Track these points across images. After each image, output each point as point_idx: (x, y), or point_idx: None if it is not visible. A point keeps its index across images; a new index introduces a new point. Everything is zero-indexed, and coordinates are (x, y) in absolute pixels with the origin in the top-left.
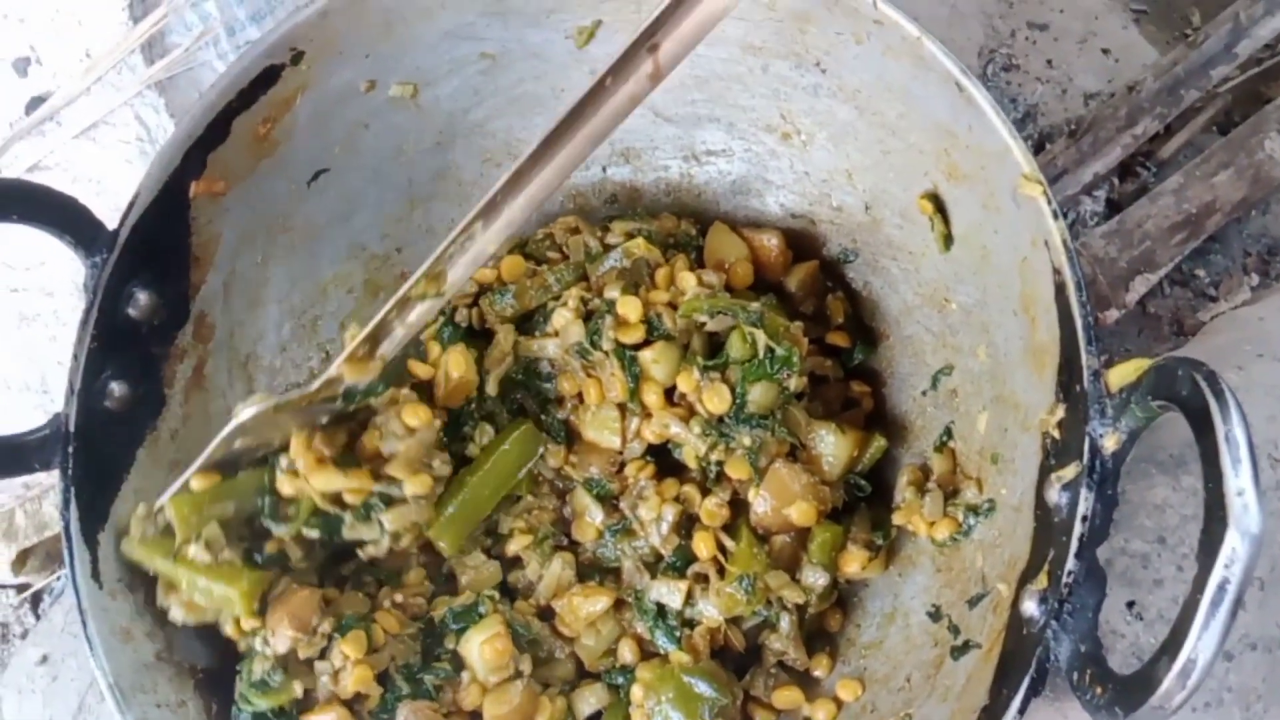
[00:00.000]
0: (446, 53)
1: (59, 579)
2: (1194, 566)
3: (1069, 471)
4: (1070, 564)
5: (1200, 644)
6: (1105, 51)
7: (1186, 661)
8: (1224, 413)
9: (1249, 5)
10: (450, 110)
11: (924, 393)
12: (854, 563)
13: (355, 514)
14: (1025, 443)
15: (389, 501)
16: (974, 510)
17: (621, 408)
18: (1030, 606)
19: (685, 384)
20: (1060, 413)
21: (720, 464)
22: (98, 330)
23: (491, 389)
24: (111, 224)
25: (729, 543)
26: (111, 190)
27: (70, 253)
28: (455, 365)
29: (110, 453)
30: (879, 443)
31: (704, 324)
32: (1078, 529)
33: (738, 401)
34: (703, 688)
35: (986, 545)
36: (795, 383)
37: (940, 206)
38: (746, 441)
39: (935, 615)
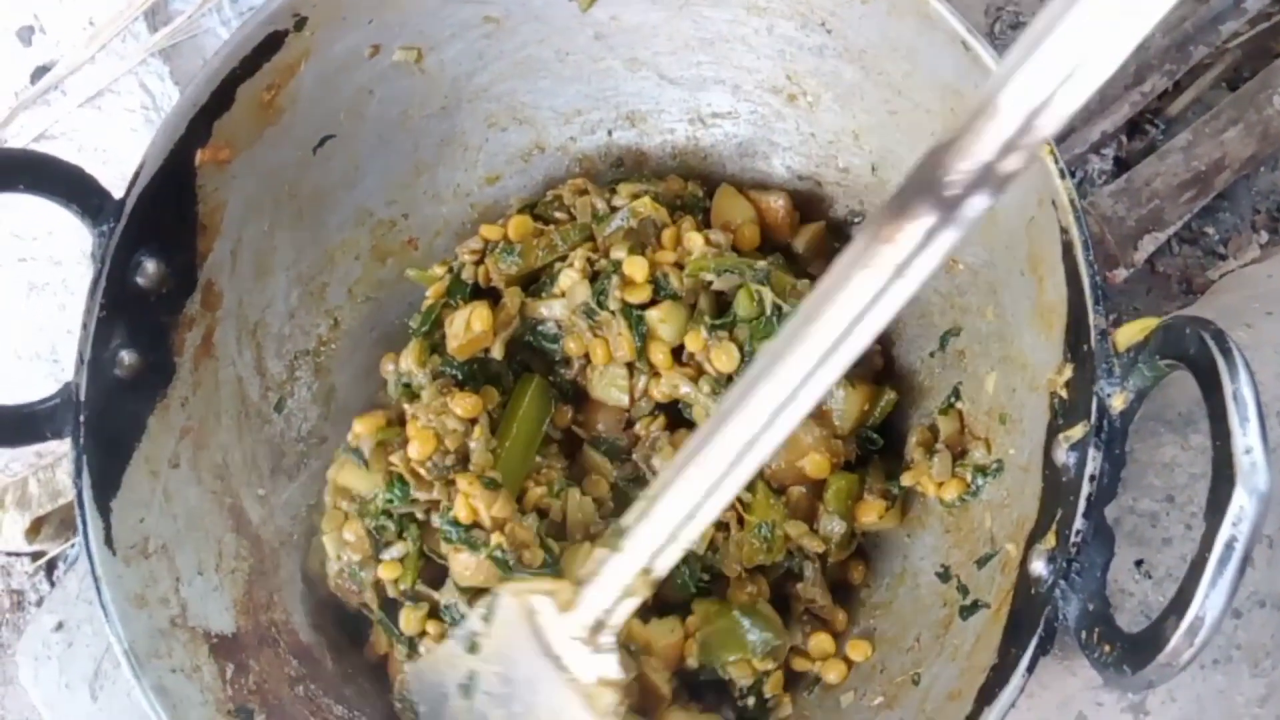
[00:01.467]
0: (450, 16)
1: (73, 546)
2: (1203, 525)
3: (1077, 431)
4: (1078, 523)
5: (1208, 602)
6: None
7: (1194, 619)
8: (1231, 371)
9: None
10: (455, 75)
11: (932, 354)
12: (871, 512)
13: None
14: (1033, 403)
15: None
16: (982, 471)
17: (629, 366)
18: (1038, 566)
19: (693, 343)
20: (1068, 373)
21: None
22: (106, 299)
23: (497, 351)
24: (119, 192)
25: (745, 495)
26: (118, 159)
27: (77, 222)
28: (478, 318)
29: (121, 421)
30: (889, 396)
31: (710, 283)
32: (1085, 488)
33: (746, 359)
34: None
35: (995, 505)
36: None
37: None
38: None
39: (944, 575)
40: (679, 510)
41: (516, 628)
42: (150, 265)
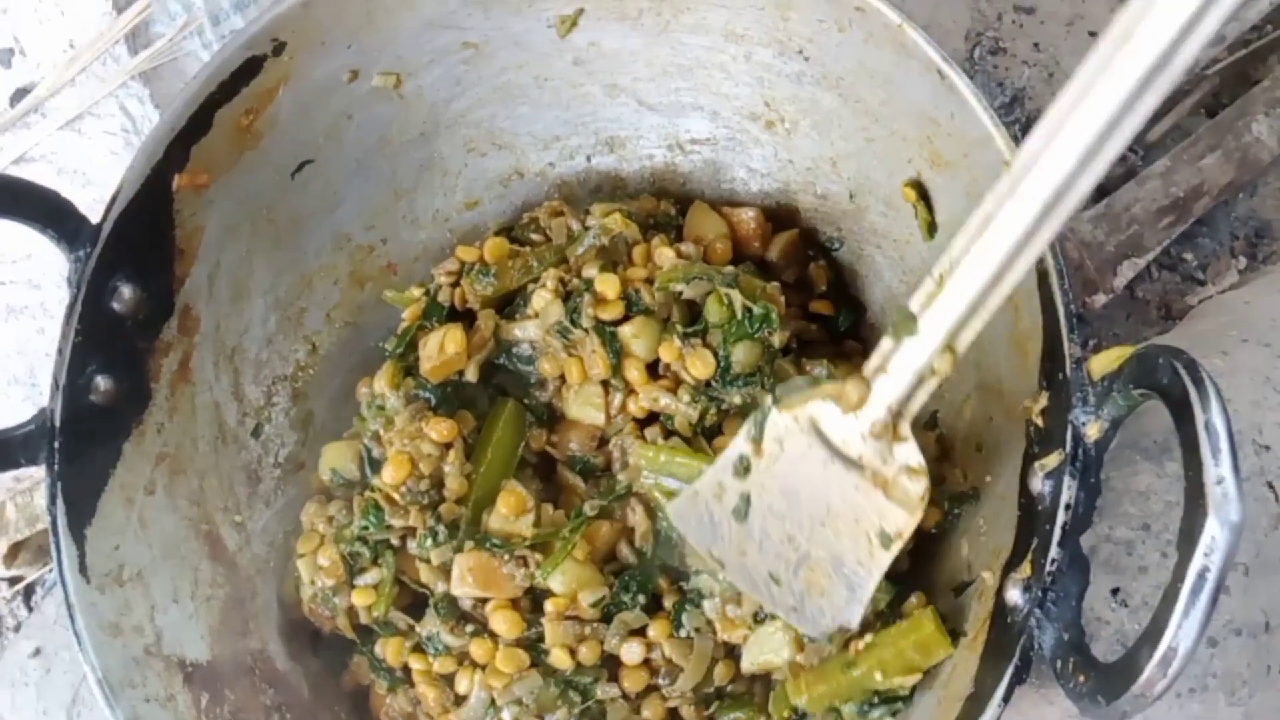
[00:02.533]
0: (429, 42)
1: (51, 571)
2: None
3: (1052, 460)
4: (1053, 552)
5: (1181, 632)
6: (1092, 34)
7: (1167, 650)
8: (1204, 401)
9: None
10: (433, 100)
11: None
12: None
13: None
14: (1009, 431)
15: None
16: (959, 499)
17: (605, 384)
18: (1014, 595)
19: (668, 354)
20: (1044, 401)
21: (712, 427)
22: (82, 325)
23: (472, 374)
24: (96, 216)
25: None
26: (98, 182)
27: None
28: (452, 340)
29: (96, 447)
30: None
31: (680, 293)
32: (1060, 517)
33: (722, 364)
34: None
35: (972, 534)
36: (778, 338)
37: (924, 194)
38: (737, 400)
39: (921, 605)
40: (981, 277)
41: (794, 440)
42: (127, 290)
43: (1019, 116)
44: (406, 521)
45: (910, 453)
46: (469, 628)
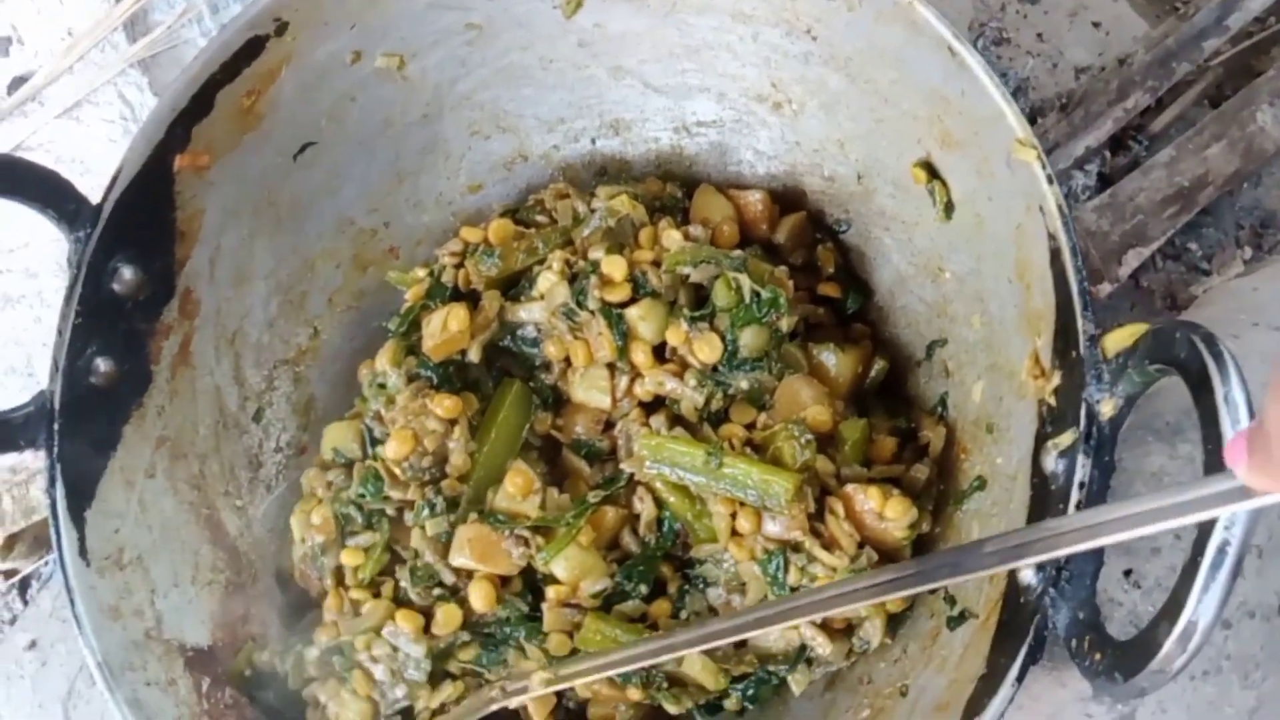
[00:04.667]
0: (432, 23)
1: (47, 564)
2: (1191, 534)
3: (1065, 439)
4: None
5: (1201, 607)
6: (1096, 25)
7: (1187, 624)
8: (1223, 374)
9: None
10: (437, 82)
11: (918, 363)
12: (887, 449)
13: None
14: (1020, 411)
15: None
16: (966, 494)
17: (610, 367)
18: (1028, 575)
19: (674, 337)
20: (1056, 379)
21: (718, 412)
22: (82, 306)
23: (475, 354)
24: (96, 201)
25: None
26: (96, 170)
27: (54, 232)
28: (455, 318)
29: (96, 430)
30: (881, 364)
31: (687, 276)
32: (1074, 496)
33: (729, 348)
34: None
35: (982, 515)
36: (786, 323)
37: (934, 174)
38: (744, 385)
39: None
40: None
41: None
42: (127, 272)
43: (1023, 107)
44: (405, 495)
45: None
46: (435, 591)
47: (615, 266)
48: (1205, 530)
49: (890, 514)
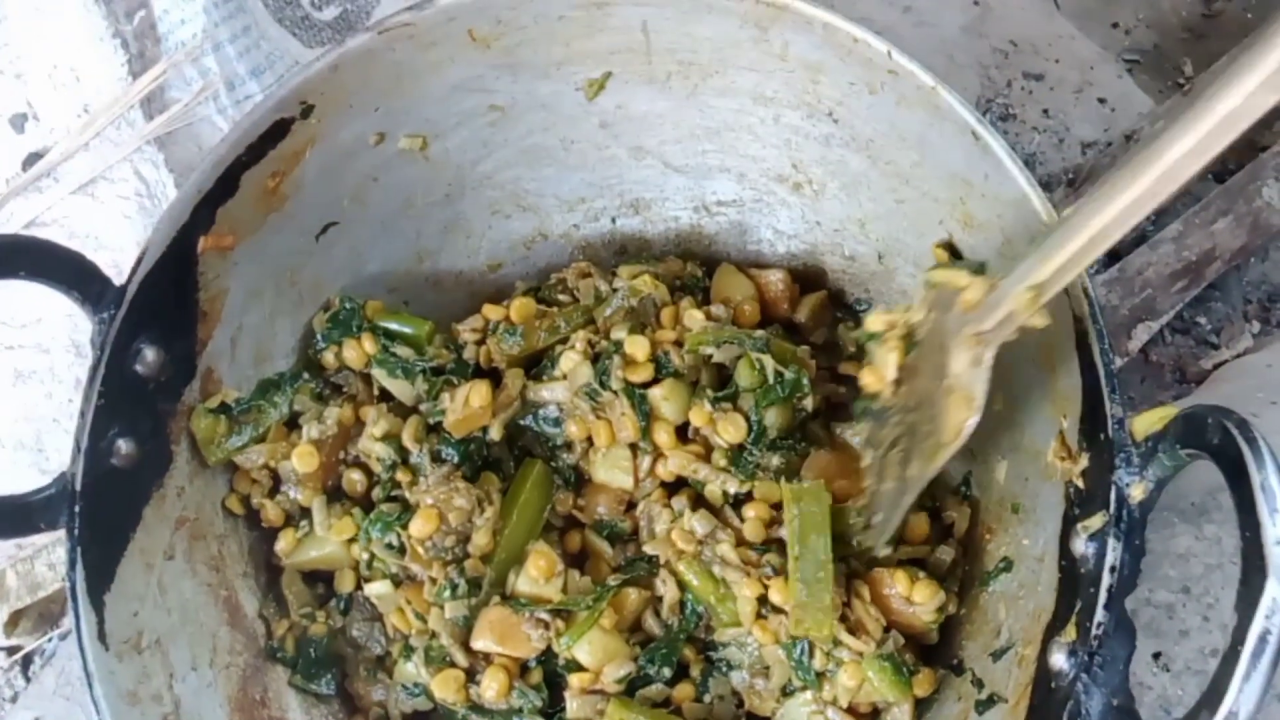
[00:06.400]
0: (455, 105)
1: (51, 640)
2: (1220, 616)
3: (1095, 522)
4: (1099, 615)
5: (1242, 696)
6: (1101, 101)
7: (1228, 714)
8: (1258, 461)
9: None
10: (459, 162)
11: None
12: (921, 530)
13: None
14: (1047, 492)
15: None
16: (992, 574)
17: (633, 447)
18: (1059, 660)
19: (698, 418)
20: (1084, 462)
21: (741, 496)
22: (105, 388)
23: (496, 433)
24: (113, 280)
25: None
26: (110, 246)
27: (68, 310)
28: (477, 394)
29: (116, 512)
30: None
31: (710, 356)
32: (1106, 580)
33: (754, 429)
34: None
35: (1009, 597)
36: (810, 402)
37: (956, 255)
38: (775, 462)
39: (958, 669)
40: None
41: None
42: (150, 353)
43: None
44: (429, 572)
45: (979, 383)
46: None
47: (638, 346)
48: (1245, 619)
49: (918, 598)
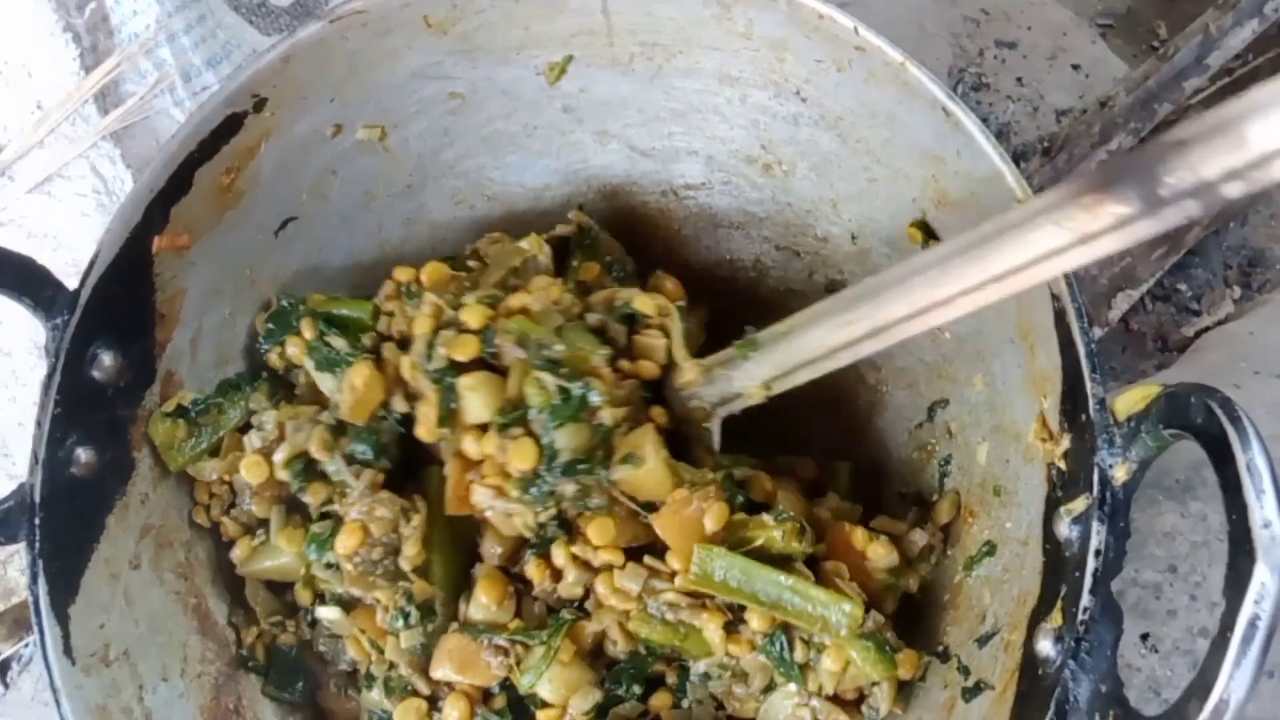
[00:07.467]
0: (414, 93)
1: (27, 646)
2: (1208, 595)
3: (1078, 504)
4: (1085, 600)
5: (1233, 683)
6: (1075, 67)
7: (1219, 702)
8: (1243, 441)
9: (1218, 16)
10: (420, 152)
11: (919, 425)
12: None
13: None
14: (1029, 474)
15: None
16: (976, 559)
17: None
18: (1045, 645)
19: (488, 446)
20: (1066, 443)
21: (547, 528)
22: (61, 395)
23: (400, 405)
24: (71, 279)
25: None
26: (69, 244)
27: (28, 313)
28: (358, 375)
29: (78, 522)
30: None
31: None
32: (1091, 563)
33: (547, 453)
34: None
35: (993, 581)
36: (609, 415)
37: (930, 234)
38: (569, 490)
39: (943, 656)
40: (804, 354)
41: None
42: (107, 358)
43: (1005, 152)
44: (371, 594)
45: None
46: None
47: (473, 314)
48: (1234, 604)
49: (871, 555)
